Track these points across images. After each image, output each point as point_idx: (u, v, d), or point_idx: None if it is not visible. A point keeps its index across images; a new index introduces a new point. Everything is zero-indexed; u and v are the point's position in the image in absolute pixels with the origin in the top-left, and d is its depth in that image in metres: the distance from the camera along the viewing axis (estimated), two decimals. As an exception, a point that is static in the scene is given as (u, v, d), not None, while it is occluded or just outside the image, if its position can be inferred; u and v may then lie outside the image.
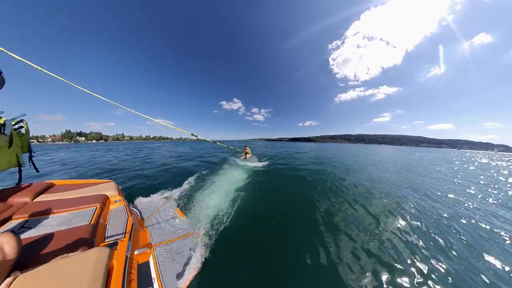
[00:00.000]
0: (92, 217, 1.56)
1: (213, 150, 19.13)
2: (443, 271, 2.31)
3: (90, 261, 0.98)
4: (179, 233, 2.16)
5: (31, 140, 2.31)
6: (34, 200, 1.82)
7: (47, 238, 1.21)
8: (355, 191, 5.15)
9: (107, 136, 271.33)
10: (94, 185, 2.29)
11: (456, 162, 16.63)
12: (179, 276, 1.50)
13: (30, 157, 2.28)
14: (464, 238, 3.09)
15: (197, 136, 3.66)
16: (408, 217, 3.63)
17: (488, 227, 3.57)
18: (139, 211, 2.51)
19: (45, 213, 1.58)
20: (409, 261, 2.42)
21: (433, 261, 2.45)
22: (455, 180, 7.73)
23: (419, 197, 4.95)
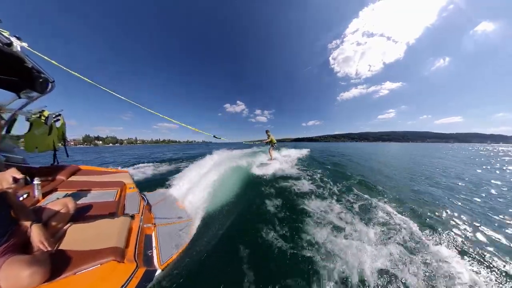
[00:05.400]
0: (116, 196, 2.12)
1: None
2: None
3: (118, 224, 1.52)
4: (176, 219, 2.57)
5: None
6: (68, 179, 2.35)
7: (88, 206, 1.75)
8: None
9: (122, 140, 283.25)
10: (113, 173, 2.96)
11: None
12: (171, 248, 1.92)
13: (64, 144, 2.89)
14: None
15: (220, 137, 4.06)
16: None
17: None
18: (147, 199, 2.92)
19: (81, 189, 2.13)
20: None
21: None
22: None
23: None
